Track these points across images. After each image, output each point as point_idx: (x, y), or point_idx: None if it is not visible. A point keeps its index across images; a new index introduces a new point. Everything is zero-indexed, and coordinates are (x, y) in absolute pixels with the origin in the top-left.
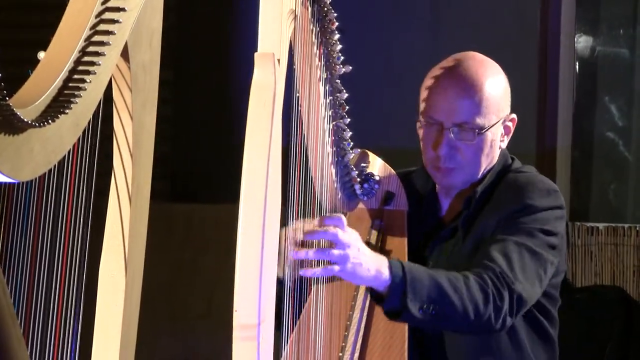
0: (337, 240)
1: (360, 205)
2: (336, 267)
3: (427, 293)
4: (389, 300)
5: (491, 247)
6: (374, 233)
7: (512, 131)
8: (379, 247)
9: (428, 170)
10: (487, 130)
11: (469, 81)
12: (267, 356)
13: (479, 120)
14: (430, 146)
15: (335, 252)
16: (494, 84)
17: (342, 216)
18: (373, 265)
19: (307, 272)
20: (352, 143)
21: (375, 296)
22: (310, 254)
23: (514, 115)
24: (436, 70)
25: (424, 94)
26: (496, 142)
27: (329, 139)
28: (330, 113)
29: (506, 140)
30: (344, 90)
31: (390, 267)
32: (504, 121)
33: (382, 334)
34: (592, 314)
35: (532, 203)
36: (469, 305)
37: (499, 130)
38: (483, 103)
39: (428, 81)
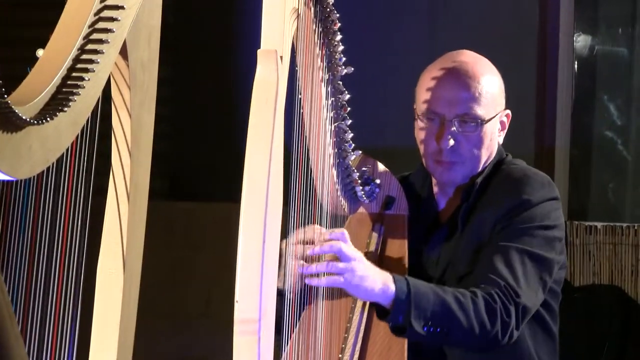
0: (342, 254)
1: (361, 209)
2: (340, 279)
3: (432, 310)
4: (393, 316)
5: (494, 257)
6: (375, 237)
7: (507, 127)
8: (379, 251)
9: (429, 167)
10: (487, 121)
11: (467, 74)
12: (267, 351)
13: (480, 112)
14: (433, 139)
15: (341, 264)
16: (491, 78)
17: (345, 231)
18: (379, 280)
19: (312, 281)
20: (353, 145)
21: (380, 312)
22: (318, 267)
23: (508, 111)
24: (432, 67)
25: (422, 91)
26: (495, 135)
27: (330, 140)
28: (331, 114)
29: (502, 135)
30: (346, 92)
31: (395, 283)
32: (500, 116)
33: (382, 335)
34: (590, 313)
35: (528, 198)
36: (475, 323)
37: (496, 124)
38: (482, 95)
39: (425, 78)
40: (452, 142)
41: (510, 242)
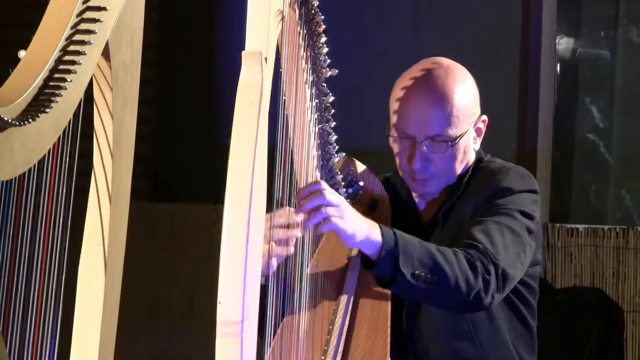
0: (326, 201)
1: None
2: (332, 219)
3: (419, 258)
4: (381, 264)
5: (472, 228)
6: None
7: (483, 132)
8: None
9: (404, 179)
10: (459, 140)
11: (438, 93)
12: (250, 353)
13: (451, 132)
14: (405, 159)
15: (330, 209)
16: (463, 92)
17: (322, 181)
18: (366, 225)
19: (309, 223)
20: (337, 146)
21: (366, 262)
22: (306, 206)
23: (484, 117)
24: (404, 82)
25: (394, 106)
26: (469, 146)
27: (315, 142)
28: (315, 116)
29: (479, 141)
30: (330, 93)
31: (382, 230)
32: (475, 124)
33: (365, 338)
34: (572, 315)
35: (508, 185)
36: (460, 275)
37: (471, 135)
38: (454, 114)
39: (397, 93)
40: (421, 163)
41: (490, 217)
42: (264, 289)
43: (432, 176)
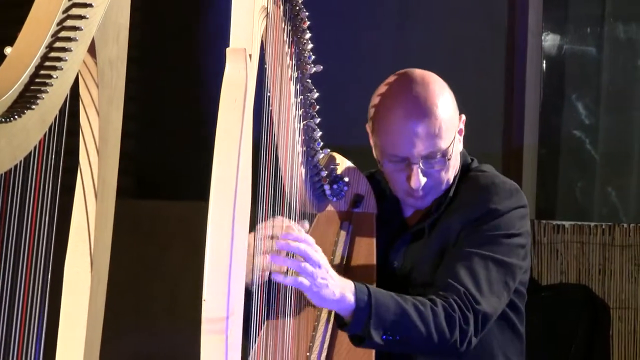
0: (308, 258)
1: (330, 207)
2: (306, 282)
3: (391, 320)
4: (352, 326)
5: (457, 263)
6: (343, 235)
7: (463, 130)
8: (348, 250)
9: (399, 197)
10: (451, 149)
11: (423, 112)
12: (235, 350)
13: (443, 145)
14: (403, 180)
15: (310, 268)
16: (445, 103)
17: (310, 237)
18: (338, 289)
19: (278, 277)
20: (322, 143)
21: (340, 321)
22: (288, 261)
23: (463, 117)
24: (385, 105)
25: (378, 130)
26: (458, 148)
27: (299, 139)
28: (300, 112)
29: (461, 138)
30: (315, 90)
31: (356, 293)
32: (458, 127)
33: None
34: (558, 312)
35: (496, 207)
36: (435, 333)
37: (456, 139)
38: (442, 128)
39: (379, 118)
40: (423, 180)
41: (474, 249)
42: (249, 288)
43: (430, 188)
